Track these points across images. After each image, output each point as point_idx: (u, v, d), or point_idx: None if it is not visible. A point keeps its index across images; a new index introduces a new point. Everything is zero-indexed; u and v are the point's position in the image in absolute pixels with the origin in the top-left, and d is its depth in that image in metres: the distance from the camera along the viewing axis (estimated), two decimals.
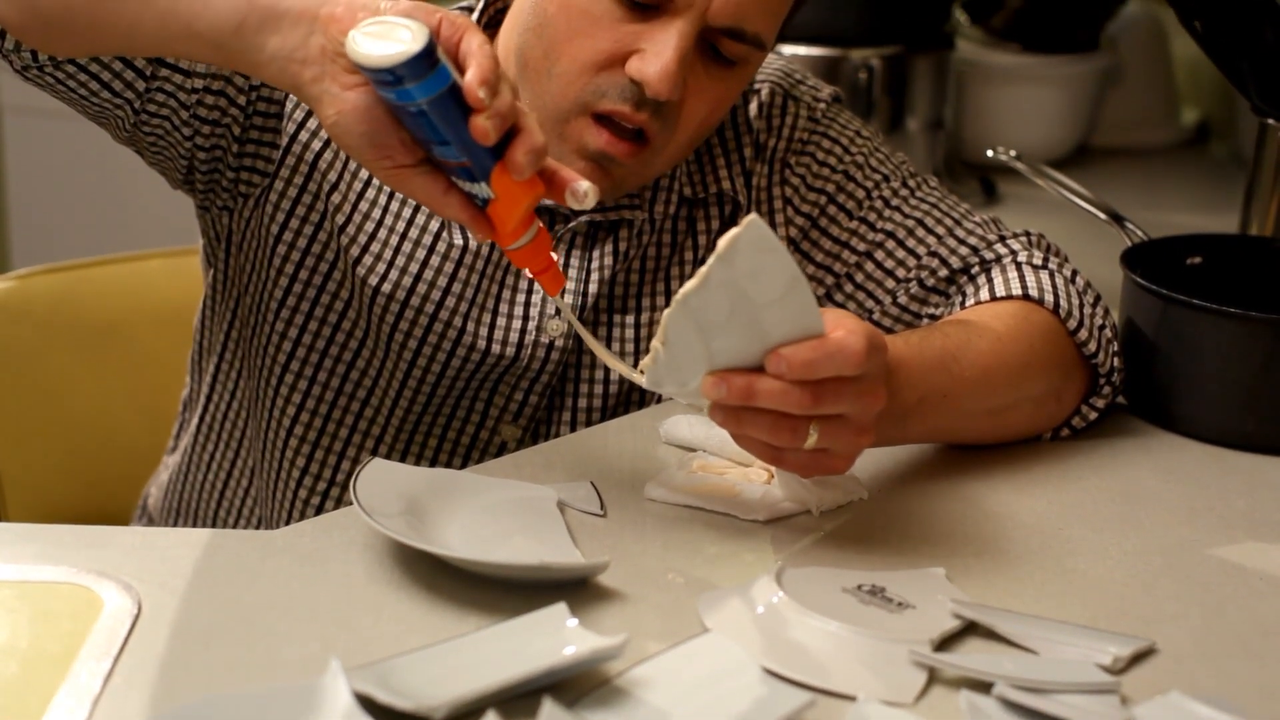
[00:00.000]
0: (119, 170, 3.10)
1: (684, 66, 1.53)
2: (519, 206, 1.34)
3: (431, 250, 1.66)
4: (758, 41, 1.56)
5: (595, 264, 1.68)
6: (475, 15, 1.68)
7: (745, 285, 1.29)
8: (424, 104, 1.28)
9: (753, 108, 1.74)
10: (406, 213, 1.66)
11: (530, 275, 1.42)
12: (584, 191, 1.36)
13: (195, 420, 1.82)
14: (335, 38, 1.30)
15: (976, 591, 1.36)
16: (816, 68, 2.47)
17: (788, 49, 2.48)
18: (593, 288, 1.68)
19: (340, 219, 1.66)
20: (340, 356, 1.69)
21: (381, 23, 1.28)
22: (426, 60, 1.26)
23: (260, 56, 1.34)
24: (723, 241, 1.27)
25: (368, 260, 1.66)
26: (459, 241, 1.66)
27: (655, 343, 1.34)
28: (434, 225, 1.66)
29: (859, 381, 1.36)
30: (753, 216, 1.27)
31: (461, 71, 1.30)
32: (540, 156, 1.32)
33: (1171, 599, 1.38)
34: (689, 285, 1.29)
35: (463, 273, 1.66)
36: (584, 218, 1.66)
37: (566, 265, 1.67)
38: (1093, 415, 1.67)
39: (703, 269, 1.28)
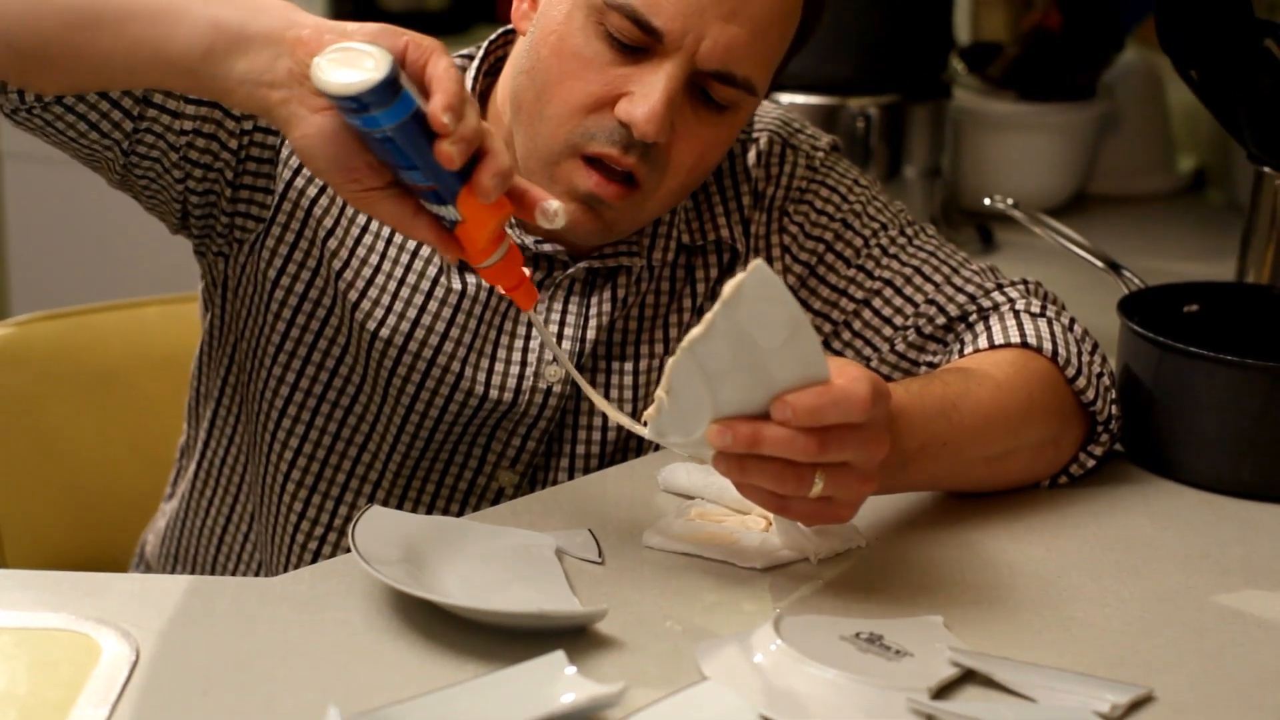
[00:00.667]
0: (118, 217, 3.10)
1: (671, 108, 1.53)
2: (486, 228, 1.35)
3: (429, 295, 1.66)
4: (748, 86, 1.56)
5: (593, 310, 1.68)
6: (476, 62, 1.69)
7: (750, 330, 1.29)
8: (389, 130, 1.29)
9: (751, 156, 1.74)
10: (404, 258, 1.66)
11: (503, 292, 1.42)
12: (554, 211, 1.37)
13: (193, 466, 1.82)
14: (302, 61, 1.31)
15: (974, 639, 1.36)
16: (814, 116, 2.48)
17: (786, 98, 2.48)
18: (590, 334, 1.68)
19: (337, 264, 1.66)
20: (338, 401, 1.69)
21: (347, 49, 1.29)
22: (390, 88, 1.27)
23: (229, 81, 1.35)
24: (728, 287, 1.27)
25: (365, 305, 1.66)
26: (457, 286, 1.66)
27: (660, 392, 1.34)
28: (431, 270, 1.66)
29: (864, 429, 1.36)
30: (758, 262, 1.27)
31: (428, 96, 1.30)
32: (506, 179, 1.33)
33: (1169, 647, 1.38)
34: (695, 332, 1.29)
35: (460, 317, 1.66)
36: (583, 264, 1.67)
37: (565, 312, 1.67)
38: (1091, 463, 1.67)
39: (708, 315, 1.28)
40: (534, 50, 1.58)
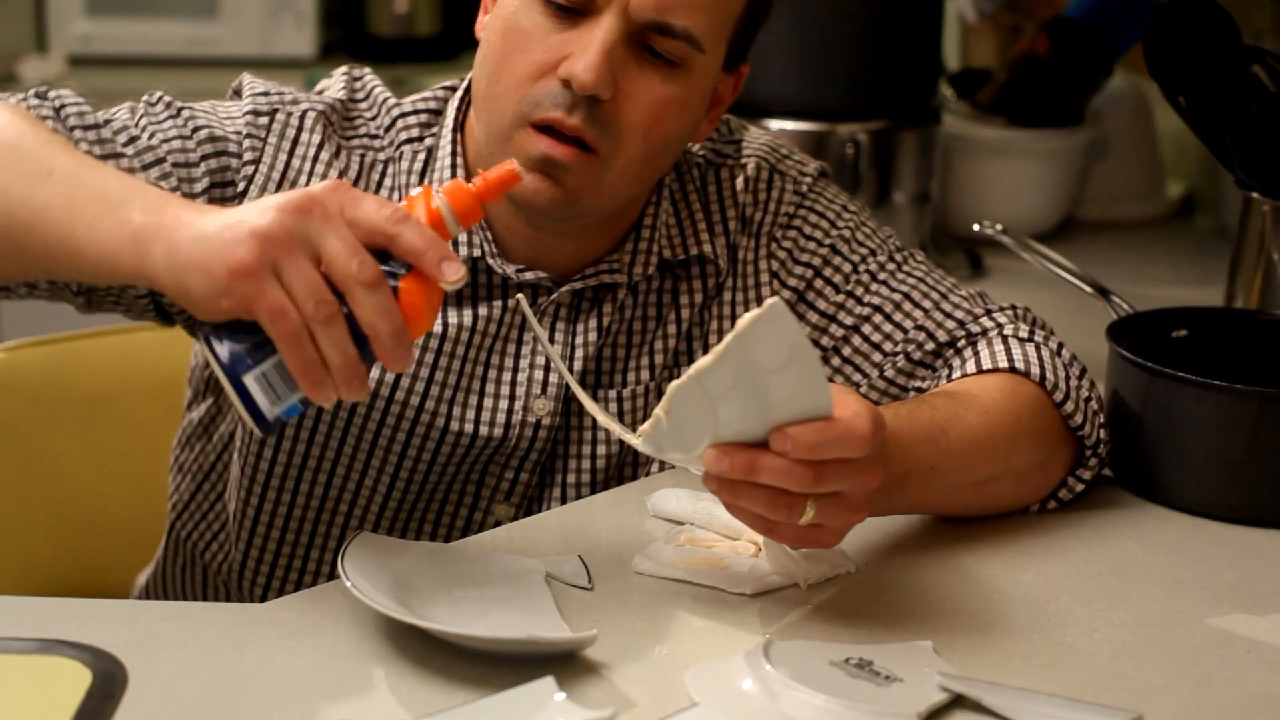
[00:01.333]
0: None
1: (609, 59, 1.53)
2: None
3: None
4: (690, 38, 1.56)
5: (580, 338, 1.68)
6: (459, 95, 1.69)
7: (760, 361, 1.29)
8: None
9: (739, 182, 1.75)
10: None
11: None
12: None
13: (175, 520, 1.82)
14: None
15: (964, 664, 1.36)
16: (803, 142, 2.48)
17: (775, 124, 2.49)
18: (578, 363, 1.68)
19: None
20: (324, 455, 1.68)
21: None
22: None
23: (155, 269, 1.32)
24: (743, 321, 1.28)
25: None
26: (437, 329, 1.66)
27: (659, 411, 1.34)
28: None
29: (860, 461, 1.36)
30: (775, 300, 1.28)
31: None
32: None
33: (1159, 671, 1.38)
34: (704, 362, 1.30)
35: (444, 360, 1.66)
36: (566, 288, 1.67)
37: (551, 340, 1.67)
38: (1079, 487, 1.67)
39: (719, 346, 1.29)
40: (485, 42, 1.60)
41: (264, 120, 1.64)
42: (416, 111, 1.70)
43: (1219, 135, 2.00)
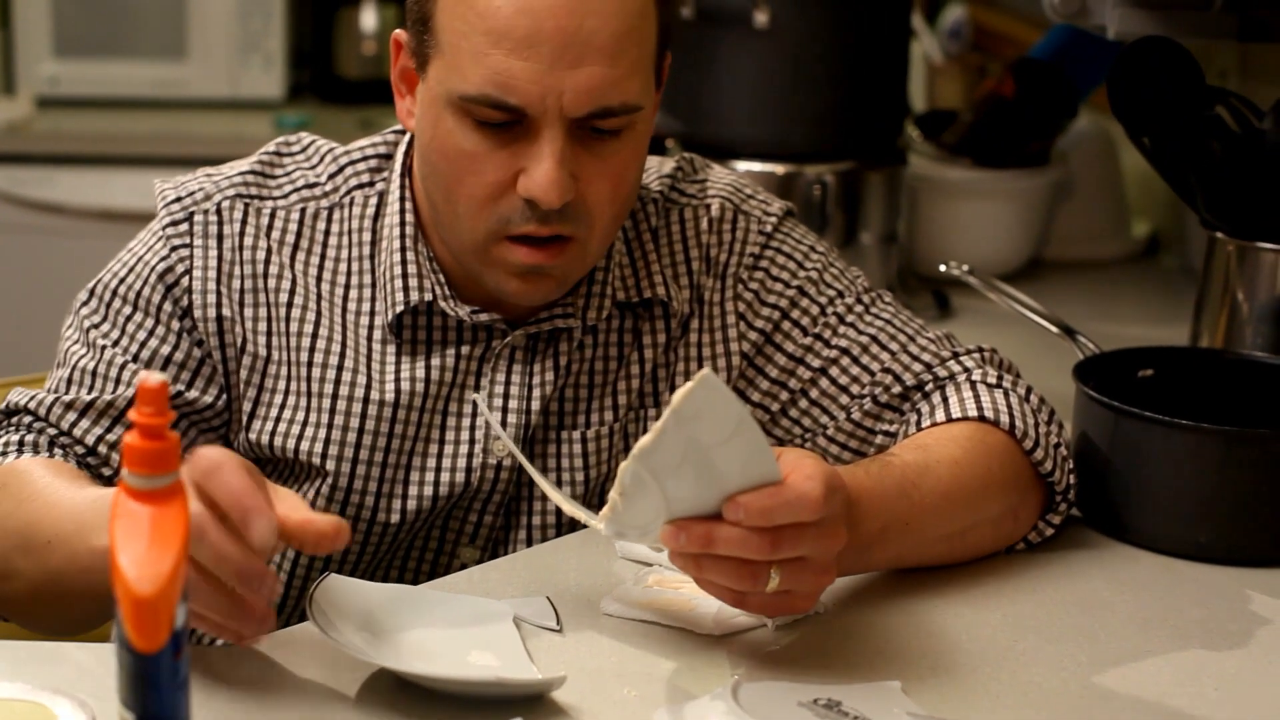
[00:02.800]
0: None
1: (564, 168, 1.54)
2: None
3: (364, 415, 1.65)
4: (631, 109, 1.56)
5: (536, 379, 1.68)
6: (407, 139, 1.69)
7: (699, 436, 1.31)
8: None
9: (704, 222, 1.75)
10: (327, 388, 1.66)
11: None
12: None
13: None
14: None
15: (932, 704, 1.36)
16: (770, 184, 2.49)
17: (743, 165, 2.50)
18: (535, 404, 1.68)
19: (266, 425, 1.67)
20: None
21: None
22: None
23: None
24: (677, 396, 1.29)
25: (304, 445, 1.66)
26: (390, 397, 1.66)
27: (613, 494, 1.35)
28: (359, 392, 1.66)
29: (819, 524, 1.37)
30: (706, 372, 1.29)
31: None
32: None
33: (1126, 710, 1.38)
34: (645, 441, 1.31)
35: (399, 427, 1.66)
36: (520, 331, 1.67)
37: (508, 383, 1.67)
38: (1049, 531, 1.68)
39: (658, 424, 1.30)
40: (426, 157, 1.60)
41: (183, 227, 1.66)
42: (366, 158, 1.71)
43: (1183, 175, 2.01)
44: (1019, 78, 2.79)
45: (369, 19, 4.02)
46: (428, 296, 1.65)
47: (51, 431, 1.62)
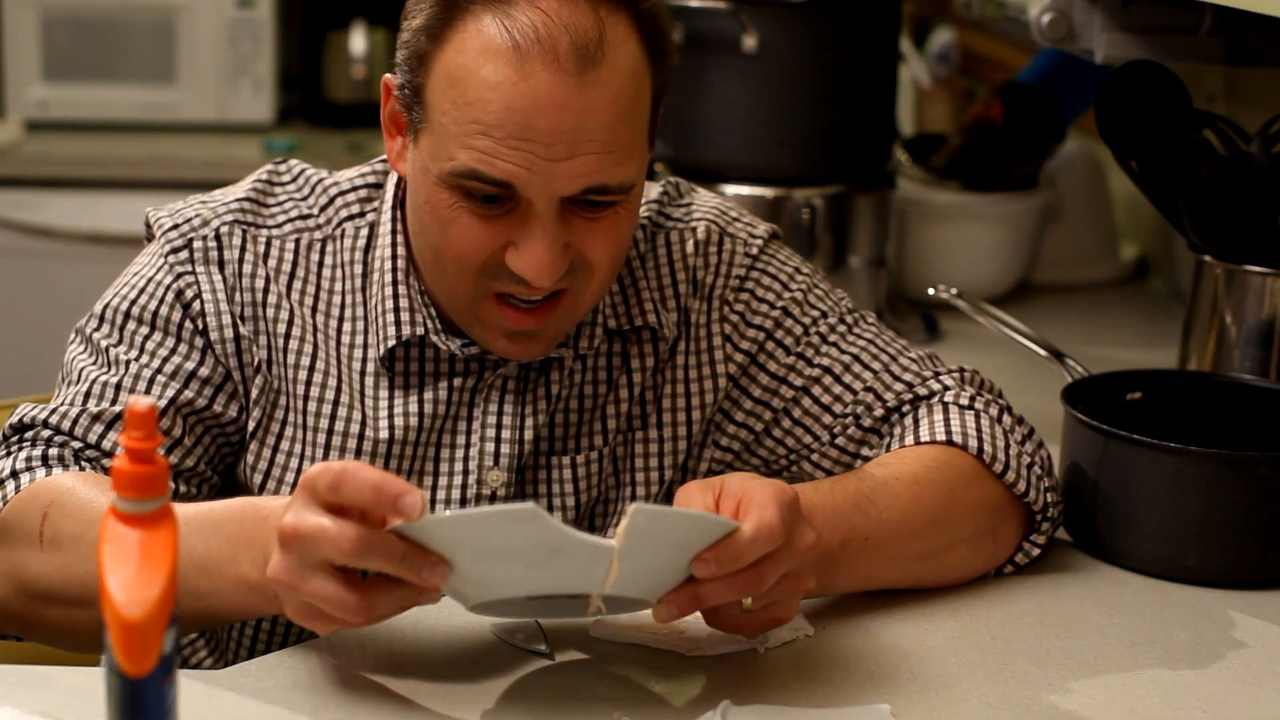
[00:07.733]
0: (83, 306, 3.10)
1: (558, 242, 1.54)
2: None
3: (359, 453, 1.65)
4: (626, 187, 1.56)
5: (529, 409, 1.68)
6: (391, 189, 1.69)
7: (652, 553, 1.33)
8: None
9: (690, 246, 1.75)
10: (324, 423, 1.66)
11: None
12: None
13: None
14: None
15: None
16: (759, 207, 2.49)
17: (730, 189, 2.50)
18: (529, 434, 1.67)
19: (264, 452, 1.67)
20: None
21: None
22: None
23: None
24: (618, 538, 1.30)
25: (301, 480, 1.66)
26: (384, 434, 1.66)
27: (597, 602, 1.37)
28: (354, 429, 1.66)
29: (787, 542, 1.38)
30: (635, 507, 1.30)
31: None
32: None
33: None
34: (608, 579, 1.32)
35: (394, 463, 1.66)
36: (512, 363, 1.66)
37: (500, 413, 1.67)
38: (1035, 552, 1.68)
39: (612, 563, 1.31)
40: (418, 215, 1.60)
41: (184, 254, 1.66)
42: (355, 188, 1.70)
43: (1171, 199, 2.01)
44: (1007, 102, 2.80)
45: (358, 43, 4.02)
46: (419, 330, 1.65)
47: (76, 445, 1.60)
